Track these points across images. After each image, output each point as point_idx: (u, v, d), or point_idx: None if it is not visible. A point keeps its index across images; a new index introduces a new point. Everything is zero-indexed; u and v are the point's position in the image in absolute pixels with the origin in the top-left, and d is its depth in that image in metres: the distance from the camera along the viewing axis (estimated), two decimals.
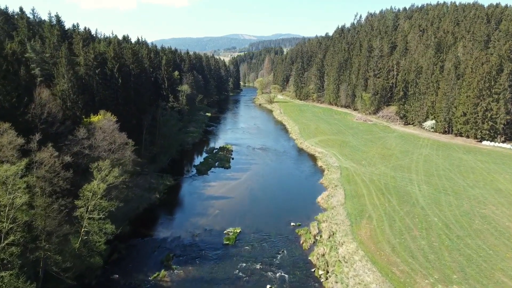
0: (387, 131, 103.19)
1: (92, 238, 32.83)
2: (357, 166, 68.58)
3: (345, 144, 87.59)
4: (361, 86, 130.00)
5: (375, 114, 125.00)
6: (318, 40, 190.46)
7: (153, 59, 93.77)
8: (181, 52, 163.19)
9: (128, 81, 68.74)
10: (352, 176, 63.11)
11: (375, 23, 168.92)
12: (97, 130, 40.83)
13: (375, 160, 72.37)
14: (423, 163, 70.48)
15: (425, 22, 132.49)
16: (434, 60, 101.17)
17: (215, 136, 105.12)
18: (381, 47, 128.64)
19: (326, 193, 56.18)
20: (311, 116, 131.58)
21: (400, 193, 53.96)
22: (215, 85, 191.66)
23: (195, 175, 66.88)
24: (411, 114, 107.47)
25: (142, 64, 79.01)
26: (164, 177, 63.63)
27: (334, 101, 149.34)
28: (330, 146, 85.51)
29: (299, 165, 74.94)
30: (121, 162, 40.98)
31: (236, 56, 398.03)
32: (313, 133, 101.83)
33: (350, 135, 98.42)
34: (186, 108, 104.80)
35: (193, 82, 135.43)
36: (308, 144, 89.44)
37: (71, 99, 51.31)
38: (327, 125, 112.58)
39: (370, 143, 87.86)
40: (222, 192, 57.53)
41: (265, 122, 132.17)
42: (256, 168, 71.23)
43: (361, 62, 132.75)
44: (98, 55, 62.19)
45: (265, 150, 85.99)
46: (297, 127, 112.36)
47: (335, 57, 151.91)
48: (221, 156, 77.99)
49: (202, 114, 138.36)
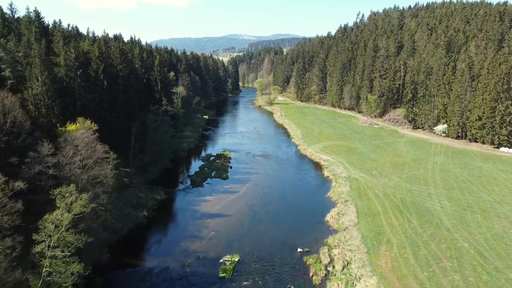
0: (395, 136, 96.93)
1: (56, 280, 26.48)
2: (368, 177, 62.26)
3: (352, 150, 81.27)
4: (366, 88, 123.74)
5: (381, 117, 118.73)
6: (320, 39, 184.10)
7: (146, 59, 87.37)
8: (177, 52, 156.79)
9: (115, 84, 62.38)
10: (363, 189, 56.78)
11: (379, 22, 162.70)
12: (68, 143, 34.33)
13: (386, 170, 66.07)
14: (439, 173, 64.21)
15: (433, 21, 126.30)
16: (445, 61, 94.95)
17: (212, 141, 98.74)
18: (387, 47, 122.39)
19: (336, 210, 49.83)
20: (313, 119, 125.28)
21: (420, 211, 47.65)
22: (213, 86, 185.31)
23: (189, 187, 60.49)
24: (420, 117, 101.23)
25: (132, 64, 72.64)
26: (155, 190, 57.22)
27: (337, 103, 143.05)
28: (336, 153, 79.18)
29: (303, 175, 68.62)
30: (97, 181, 34.60)
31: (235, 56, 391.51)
32: (316, 138, 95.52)
33: (357, 140, 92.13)
34: (182, 111, 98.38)
35: (189, 84, 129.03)
36: (312, 150, 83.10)
37: (45, 105, 44.93)
38: (331, 129, 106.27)
39: (379, 150, 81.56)
40: (218, 209, 51.13)
41: (265, 125, 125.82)
42: (256, 179, 64.87)
43: (366, 62, 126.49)
44: (80, 54, 55.78)
45: (266, 157, 79.64)
46: (299, 131, 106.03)
47: (338, 57, 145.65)
48: (218, 165, 71.59)
49: (199, 117, 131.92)
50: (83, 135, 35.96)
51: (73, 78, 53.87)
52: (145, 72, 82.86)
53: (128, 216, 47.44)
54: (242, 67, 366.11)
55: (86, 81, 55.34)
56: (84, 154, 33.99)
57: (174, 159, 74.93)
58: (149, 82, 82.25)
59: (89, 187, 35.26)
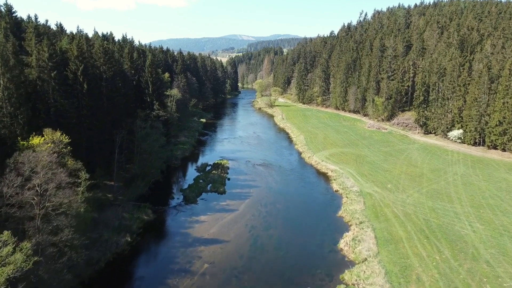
0: (406, 142, 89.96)
1: None
2: (383, 192, 55.26)
3: (361, 159, 74.26)
4: (373, 90, 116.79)
5: (389, 120, 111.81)
6: (322, 39, 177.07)
7: (137, 59, 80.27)
8: (173, 52, 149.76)
9: (97, 87, 55.36)
10: (379, 207, 49.76)
11: (385, 20, 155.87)
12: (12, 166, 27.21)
13: (403, 183, 59.08)
14: (462, 187, 57.23)
15: (443, 19, 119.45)
16: (460, 61, 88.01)
17: (209, 148, 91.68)
18: (395, 46, 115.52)
19: (350, 234, 42.80)
20: (316, 123, 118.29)
21: (450, 237, 40.64)
22: (211, 87, 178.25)
23: (181, 204, 53.42)
24: (432, 122, 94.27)
25: (119, 65, 65.58)
26: (142, 208, 50.17)
27: (342, 105, 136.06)
28: (344, 162, 72.17)
29: (309, 188, 61.60)
30: (59, 212, 27.52)
31: (234, 57, 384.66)
32: (321, 145, 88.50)
33: (365, 147, 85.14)
34: (176, 115, 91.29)
35: (185, 85, 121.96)
36: (318, 159, 76.08)
37: (6, 113, 37.87)
38: (337, 134, 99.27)
39: (391, 158, 74.59)
40: (214, 233, 44.06)
41: (266, 129, 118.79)
42: (257, 194, 57.82)
43: (372, 62, 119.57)
44: (57, 53, 48.74)
45: (267, 167, 72.60)
46: (302, 136, 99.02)
47: (342, 57, 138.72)
48: (214, 176, 64.50)
49: (196, 121, 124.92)
50: (41, 154, 28.80)
51: (47, 81, 46.83)
52: (135, 73, 75.76)
53: (107, 244, 40.33)
54: (241, 67, 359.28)
55: (62, 84, 48.26)
56: (42, 178, 26.91)
57: (167, 169, 67.92)
58: (140, 85, 75.14)
59: (52, 219, 28.21)
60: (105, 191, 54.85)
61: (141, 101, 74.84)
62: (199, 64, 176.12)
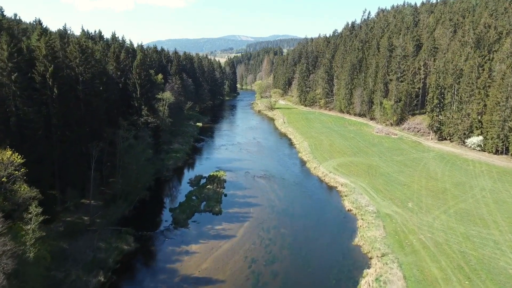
0: (420, 149, 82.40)
1: None
2: (404, 213, 47.66)
3: (373, 170, 66.68)
4: (381, 92, 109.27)
5: (398, 125, 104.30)
6: (325, 38, 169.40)
7: (124, 59, 72.59)
8: (168, 52, 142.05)
9: (72, 91, 47.72)
10: (402, 233, 42.16)
11: (391, 18, 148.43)
12: None
13: (425, 201, 51.47)
14: (495, 206, 49.65)
15: (455, 16, 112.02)
16: (479, 61, 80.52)
17: (205, 156, 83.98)
18: (404, 45, 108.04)
19: (372, 271, 35.09)
20: (320, 127, 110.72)
21: (497, 277, 33.01)
22: (208, 89, 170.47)
23: (169, 229, 45.74)
24: (448, 127, 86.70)
25: (100, 65, 57.90)
26: (122, 234, 42.61)
27: (346, 108, 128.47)
28: (355, 174, 64.58)
29: (318, 207, 53.95)
30: None
31: (233, 57, 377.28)
32: (328, 152, 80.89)
33: (376, 155, 77.57)
34: (169, 121, 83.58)
35: (180, 87, 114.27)
36: (325, 170, 68.46)
37: None
38: (343, 140, 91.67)
39: (407, 169, 67.00)
40: (206, 269, 36.33)
41: (267, 135, 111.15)
42: (257, 214, 50.14)
43: (380, 63, 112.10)
44: (19, 52, 41.10)
45: (268, 180, 64.95)
46: (306, 143, 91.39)
47: (346, 57, 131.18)
48: (209, 192, 56.80)
49: (192, 125, 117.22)
50: None
51: (7, 84, 39.17)
52: (122, 75, 68.12)
53: (75, 286, 32.73)
54: (240, 68, 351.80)
55: (26, 88, 40.61)
56: None
57: (156, 182, 60.25)
58: (127, 88, 67.46)
59: None
60: (82, 212, 47.30)
61: (128, 106, 67.22)
62: (196, 65, 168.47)
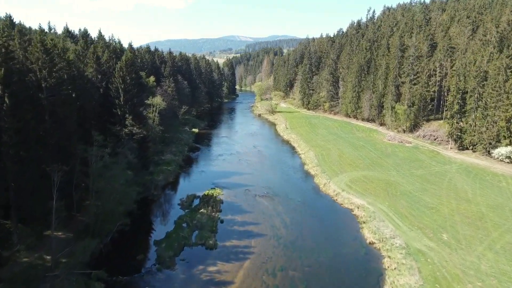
0: (440, 161, 73.64)
1: None
2: (440, 248, 38.85)
3: (393, 188, 57.89)
4: (392, 95, 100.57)
5: (412, 132, 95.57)
6: (329, 38, 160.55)
7: (107, 60, 63.73)
8: (162, 52, 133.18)
9: (34, 100, 38.88)
10: (445, 281, 33.30)
11: (399, 17, 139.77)
12: None
13: (462, 231, 42.66)
14: None
15: (472, 13, 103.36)
16: (507, 62, 71.85)
17: (199, 170, 75.04)
18: (418, 45, 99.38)
19: None
20: (326, 134, 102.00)
21: None
22: (206, 91, 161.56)
23: (152, 270, 36.85)
24: (470, 135, 77.95)
25: (73, 68, 48.99)
26: (91, 281, 33.78)
27: (353, 112, 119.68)
28: (372, 194, 55.80)
29: (333, 238, 45.00)
30: None
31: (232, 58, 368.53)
32: (337, 165, 72.11)
33: (392, 168, 68.83)
34: (159, 129, 74.75)
35: (174, 90, 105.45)
36: (336, 187, 59.68)
37: None
38: (353, 150, 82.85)
39: (431, 187, 58.20)
40: None
41: (268, 142, 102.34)
42: (260, 248, 41.27)
43: (391, 64, 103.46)
44: None
45: (272, 200, 56.11)
46: (312, 152, 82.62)
47: (353, 58, 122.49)
48: (202, 218, 47.92)
49: (187, 131, 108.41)
50: None
51: None
52: (103, 79, 59.27)
53: None
54: (239, 69, 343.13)
55: None
56: None
57: (141, 203, 51.42)
58: (109, 93, 58.55)
59: None
60: (45, 250, 38.45)
61: (110, 114, 58.30)
62: (193, 66, 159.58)
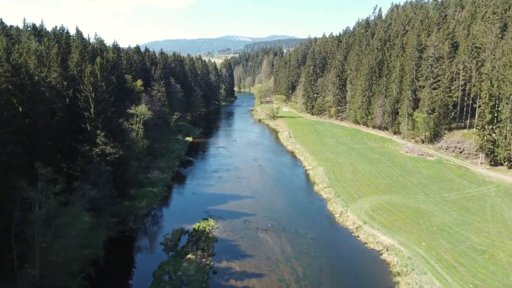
0: (472, 180, 62.80)
1: None
2: None
3: (425, 219, 46.96)
4: (408, 101, 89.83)
5: (432, 143, 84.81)
6: (335, 37, 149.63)
7: (79, 63, 52.75)
8: (154, 53, 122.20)
9: None
10: None
11: (411, 14, 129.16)
12: None
13: None
14: None
15: (499, 9, 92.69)
16: None
17: (190, 191, 63.99)
18: (438, 45, 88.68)
19: None
20: (335, 144, 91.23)
21: None
22: (202, 94, 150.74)
23: None
24: (505, 149, 67.28)
25: (20, 73, 38.04)
26: None
27: (363, 119, 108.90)
28: (401, 228, 44.90)
29: None
30: None
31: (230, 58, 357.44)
32: (353, 185, 61.26)
33: (419, 190, 57.99)
34: (144, 143, 63.82)
35: (164, 95, 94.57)
36: (356, 217, 48.79)
37: None
38: (368, 165, 72.01)
39: (471, 218, 47.29)
40: None
41: (270, 154, 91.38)
42: None
43: (406, 66, 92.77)
44: None
45: (278, 236, 45.19)
46: (321, 168, 71.78)
47: (362, 59, 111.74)
48: (189, 269, 36.95)
49: (180, 140, 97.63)
50: None
51: None
52: (69, 86, 48.30)
53: None
54: (237, 70, 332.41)
55: None
56: None
57: (113, 244, 40.61)
58: (76, 104, 47.53)
59: None
60: None
61: (77, 131, 47.33)
62: (188, 67, 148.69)
